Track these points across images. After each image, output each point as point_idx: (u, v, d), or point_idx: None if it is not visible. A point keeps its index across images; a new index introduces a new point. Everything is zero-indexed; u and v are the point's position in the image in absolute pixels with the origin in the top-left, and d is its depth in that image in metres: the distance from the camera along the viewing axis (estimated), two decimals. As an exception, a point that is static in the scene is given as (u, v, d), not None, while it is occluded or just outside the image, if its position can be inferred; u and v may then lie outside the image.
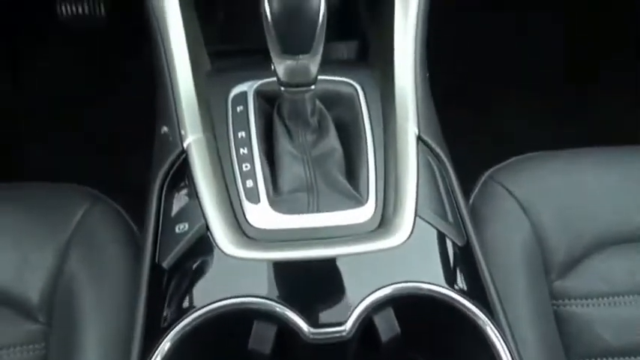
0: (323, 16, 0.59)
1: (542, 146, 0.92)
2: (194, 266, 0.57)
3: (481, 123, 1.42)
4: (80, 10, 1.32)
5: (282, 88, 0.65)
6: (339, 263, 0.57)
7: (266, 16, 0.58)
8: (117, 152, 1.41)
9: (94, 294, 0.69)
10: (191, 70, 0.70)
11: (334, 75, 0.74)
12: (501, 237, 0.75)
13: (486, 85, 1.46)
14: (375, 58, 0.84)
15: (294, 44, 0.60)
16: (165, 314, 0.56)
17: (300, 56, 0.60)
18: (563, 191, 0.82)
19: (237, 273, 0.55)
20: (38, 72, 1.50)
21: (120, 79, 1.45)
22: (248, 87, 0.72)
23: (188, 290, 0.56)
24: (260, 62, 0.74)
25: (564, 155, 0.87)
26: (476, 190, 0.81)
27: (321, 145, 0.67)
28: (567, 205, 0.80)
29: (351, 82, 0.74)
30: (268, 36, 0.60)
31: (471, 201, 0.80)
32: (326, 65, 0.63)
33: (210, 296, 0.54)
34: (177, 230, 0.58)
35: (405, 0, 0.76)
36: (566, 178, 0.83)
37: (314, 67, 0.63)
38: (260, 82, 0.72)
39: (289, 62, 0.61)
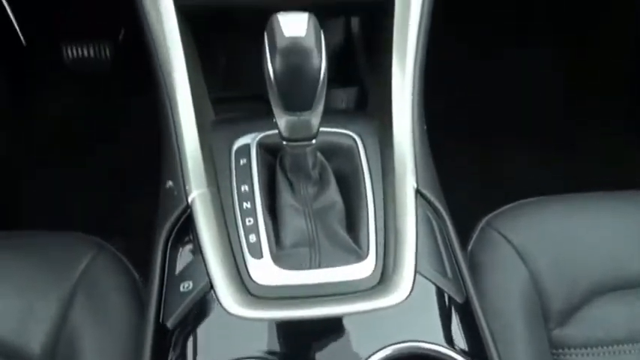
0: (324, 74, 0.61)
1: (541, 187, 0.94)
2: (198, 326, 0.57)
3: (480, 166, 1.44)
4: (85, 53, 1.36)
5: (284, 142, 0.67)
6: (340, 322, 0.57)
7: (269, 75, 0.61)
8: (119, 192, 1.42)
9: (96, 346, 0.69)
10: (195, 122, 0.72)
11: (334, 126, 0.76)
12: (500, 286, 0.76)
13: (485, 127, 1.48)
14: (373, 107, 0.86)
15: (297, 102, 0.62)
16: None
17: (302, 113, 0.63)
18: (560, 238, 0.83)
19: (240, 332, 0.56)
20: (41, 113, 1.52)
21: (122, 121, 1.48)
22: (251, 139, 0.74)
23: (192, 351, 0.56)
24: (262, 110, 0.77)
25: (561, 201, 0.89)
26: (474, 237, 0.82)
27: (322, 198, 0.69)
28: (564, 252, 0.81)
29: (351, 133, 0.76)
30: (271, 94, 0.63)
31: (469, 248, 0.81)
32: (326, 115, 0.65)
33: (213, 357, 0.55)
34: (181, 289, 0.59)
35: (402, 51, 0.78)
36: (562, 224, 0.85)
37: (315, 123, 0.65)
38: (262, 134, 0.74)
39: (291, 118, 0.63)
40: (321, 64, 0.60)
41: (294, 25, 0.59)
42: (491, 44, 1.57)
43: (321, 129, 0.67)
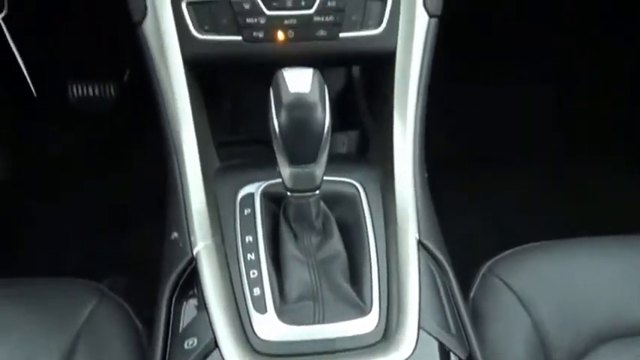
0: (328, 128, 0.62)
1: (541, 227, 0.94)
2: None
3: (481, 204, 1.44)
4: (90, 92, 1.38)
5: (288, 193, 0.68)
6: None
7: (274, 128, 0.62)
8: (119, 228, 1.43)
9: None
10: (201, 172, 0.73)
11: (337, 175, 0.78)
12: (503, 336, 0.76)
13: (485, 166, 1.50)
14: (375, 153, 0.88)
15: (301, 156, 0.63)
16: None
17: (307, 165, 0.64)
18: (562, 284, 0.83)
19: None
20: (43, 150, 1.54)
21: (124, 159, 1.49)
22: (255, 188, 0.75)
23: None
24: (265, 154, 0.78)
25: (562, 246, 0.89)
26: (476, 285, 0.82)
27: (326, 248, 0.70)
28: (566, 298, 0.82)
29: (353, 182, 0.77)
30: (276, 147, 0.64)
31: (471, 295, 0.81)
32: (328, 161, 0.66)
33: None
34: (186, 346, 0.59)
35: (403, 100, 0.80)
36: (564, 270, 0.85)
37: (319, 174, 0.66)
38: (266, 183, 0.76)
39: (295, 170, 0.64)
40: (325, 118, 0.62)
41: (299, 81, 0.60)
42: (488, 75, 1.60)
43: (324, 177, 0.68)
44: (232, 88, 1.07)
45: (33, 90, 0.93)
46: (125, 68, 1.40)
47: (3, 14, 0.80)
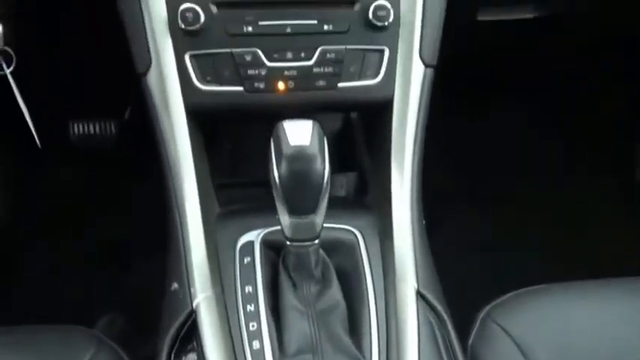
0: (327, 178, 0.64)
1: (540, 269, 0.94)
2: None
3: (479, 246, 1.45)
4: (91, 130, 1.40)
5: (288, 242, 0.69)
6: None
7: (274, 179, 0.63)
8: (119, 267, 1.43)
9: None
10: (202, 222, 0.74)
11: (335, 221, 0.79)
12: None
13: (481, 203, 1.51)
14: (373, 197, 0.89)
15: (301, 207, 0.65)
16: None
17: (307, 216, 0.65)
18: (561, 329, 0.83)
19: None
20: (42, 186, 1.54)
21: (124, 196, 1.50)
22: (255, 236, 0.76)
23: None
24: (264, 196, 0.79)
25: (561, 289, 0.89)
26: (474, 331, 0.82)
27: (325, 298, 0.70)
28: (566, 344, 0.81)
29: (352, 229, 0.78)
30: (276, 197, 0.65)
31: (470, 342, 0.81)
32: (327, 206, 0.66)
33: None
34: None
35: (401, 146, 0.81)
36: (563, 314, 0.85)
37: (318, 224, 0.67)
38: (266, 230, 0.76)
39: (295, 220, 0.65)
40: (325, 169, 0.63)
41: (298, 133, 0.62)
42: (485, 111, 1.62)
43: (323, 224, 0.69)
44: (232, 130, 1.09)
45: (37, 141, 0.94)
46: (126, 106, 1.42)
47: (11, 69, 0.82)
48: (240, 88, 0.76)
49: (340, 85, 0.78)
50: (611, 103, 1.59)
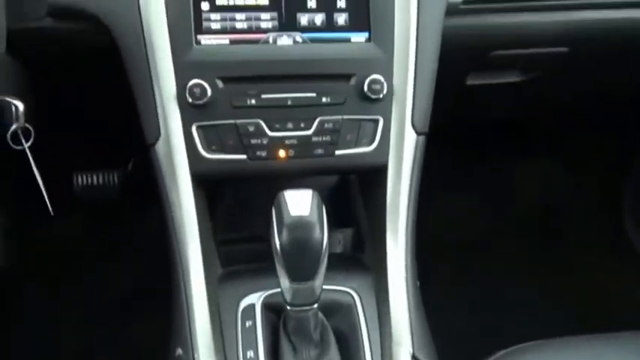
0: (326, 246, 0.67)
1: (534, 323, 0.95)
2: None
3: (472, 300, 1.48)
4: (95, 181, 1.43)
5: (288, 307, 0.72)
6: None
7: (275, 248, 0.67)
8: (121, 317, 1.44)
9: None
10: (205, 286, 0.77)
11: (333, 282, 0.82)
12: None
13: (473, 254, 1.54)
14: (370, 256, 0.92)
15: (301, 273, 0.68)
16: None
17: (306, 282, 0.68)
18: None
19: None
20: (43, 234, 1.56)
21: (128, 247, 1.52)
22: (256, 299, 0.79)
23: None
24: (265, 256, 0.82)
25: (557, 345, 0.90)
26: None
27: (324, 362, 0.73)
28: None
29: (349, 291, 0.82)
30: (277, 264, 0.68)
31: None
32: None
33: None
34: None
35: (395, 210, 0.85)
36: None
37: (318, 290, 0.70)
38: (267, 293, 0.80)
39: (295, 286, 0.69)
40: (324, 238, 0.67)
41: (299, 203, 0.66)
42: (480, 159, 1.67)
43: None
44: (233, 186, 1.13)
45: (50, 210, 0.97)
46: (130, 158, 1.46)
47: (29, 143, 0.86)
48: (244, 156, 0.81)
49: (337, 152, 0.83)
50: (602, 157, 1.64)
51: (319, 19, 0.82)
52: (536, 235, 1.62)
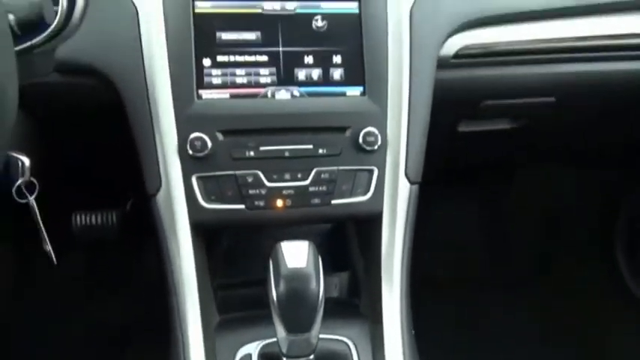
0: (322, 298, 0.69)
1: None
2: None
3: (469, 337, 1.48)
4: (93, 221, 1.44)
5: (284, 359, 0.73)
6: None
7: (272, 299, 0.68)
8: (117, 355, 1.43)
9: None
10: (202, 335, 0.78)
11: (329, 331, 0.83)
12: None
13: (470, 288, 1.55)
14: (365, 303, 0.93)
15: (297, 326, 0.69)
16: None
17: (302, 334, 0.70)
18: None
19: None
20: (42, 277, 1.57)
21: (125, 285, 1.53)
22: (253, 349, 0.80)
23: None
24: (262, 302, 0.83)
25: None
26: None
27: (320, 414, 0.73)
28: None
29: (345, 340, 0.83)
30: (274, 315, 0.70)
31: None
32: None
33: None
34: None
35: (390, 259, 0.87)
36: None
37: (314, 341, 0.71)
38: (263, 343, 0.81)
39: (291, 338, 0.70)
40: (320, 289, 0.68)
41: (295, 254, 0.68)
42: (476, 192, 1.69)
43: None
44: (232, 232, 1.15)
45: (54, 259, 0.99)
46: (128, 198, 1.48)
47: (34, 196, 0.88)
48: (242, 206, 0.83)
49: (333, 202, 0.85)
50: (593, 210, 1.66)
51: (316, 73, 0.86)
52: (535, 283, 1.63)
